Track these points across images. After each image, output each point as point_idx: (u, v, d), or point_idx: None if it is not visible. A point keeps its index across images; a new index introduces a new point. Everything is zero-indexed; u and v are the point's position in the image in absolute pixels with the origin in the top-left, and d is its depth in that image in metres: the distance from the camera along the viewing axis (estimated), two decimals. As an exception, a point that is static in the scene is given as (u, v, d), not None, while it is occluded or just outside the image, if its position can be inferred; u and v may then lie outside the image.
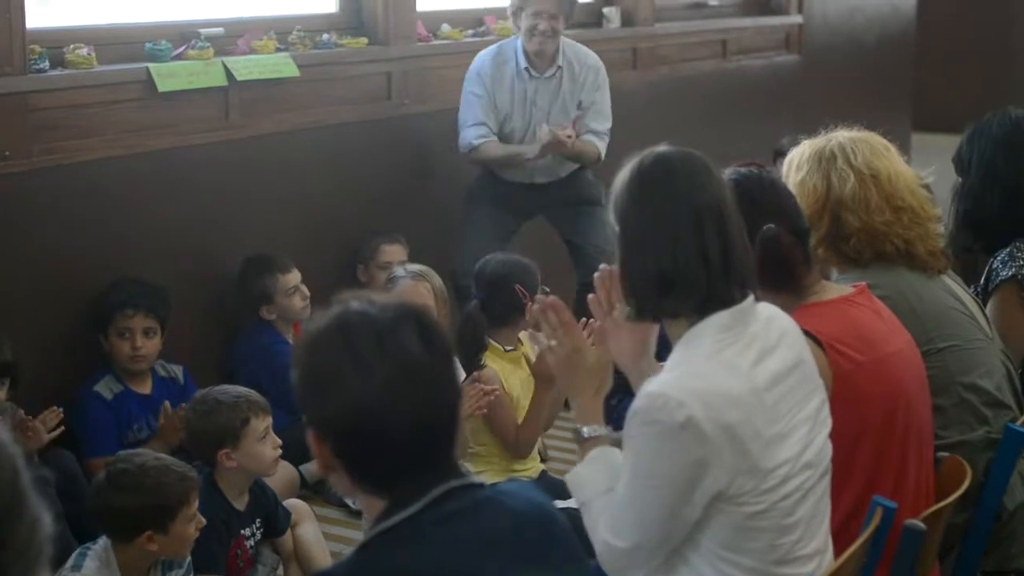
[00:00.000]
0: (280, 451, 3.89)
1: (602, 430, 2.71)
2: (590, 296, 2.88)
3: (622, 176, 2.61)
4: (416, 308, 2.11)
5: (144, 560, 3.52)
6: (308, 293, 5.13)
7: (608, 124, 5.83)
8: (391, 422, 2.00)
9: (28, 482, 1.53)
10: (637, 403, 2.47)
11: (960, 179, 4.07)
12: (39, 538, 1.53)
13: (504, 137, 5.72)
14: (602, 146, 5.78)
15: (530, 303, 4.36)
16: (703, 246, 2.50)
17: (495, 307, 4.49)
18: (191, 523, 3.50)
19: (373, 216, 5.68)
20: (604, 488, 2.57)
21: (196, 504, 3.53)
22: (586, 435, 2.70)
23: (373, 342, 2.01)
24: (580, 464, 2.67)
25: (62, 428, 4.05)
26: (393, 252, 5.56)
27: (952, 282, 3.48)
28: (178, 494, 3.47)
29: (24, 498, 1.52)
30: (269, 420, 3.88)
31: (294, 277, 5.14)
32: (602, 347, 2.79)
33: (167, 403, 4.45)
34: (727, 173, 2.99)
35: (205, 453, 3.88)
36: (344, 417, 2.01)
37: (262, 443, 3.85)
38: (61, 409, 4.06)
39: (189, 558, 3.65)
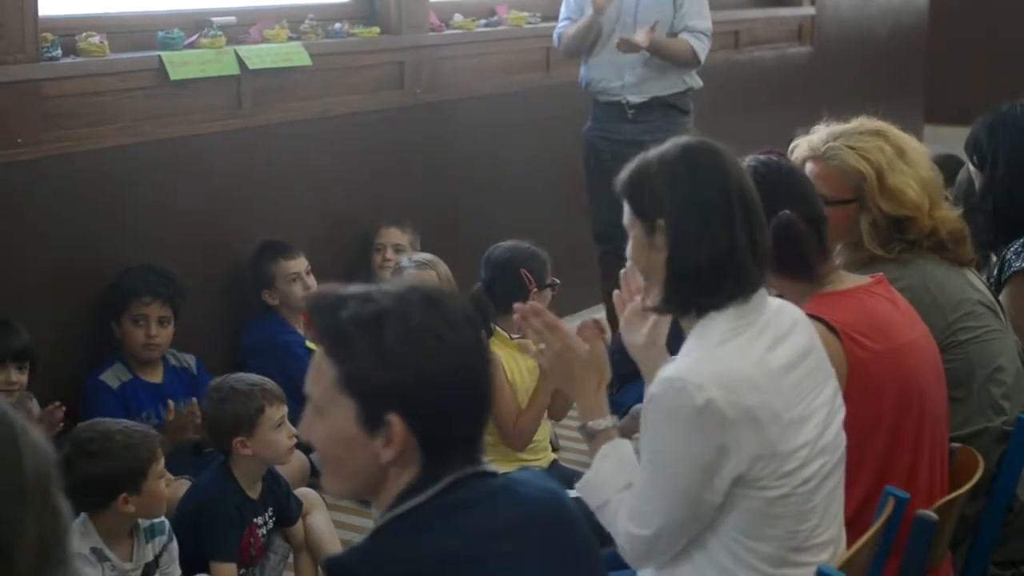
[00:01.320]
0: (295, 440, 3.88)
1: (609, 422, 2.69)
2: (615, 294, 2.89)
3: (659, 165, 2.56)
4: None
5: (122, 525, 3.51)
6: (311, 284, 5.10)
7: (707, 24, 5.83)
8: (464, 385, 2.02)
9: (56, 469, 1.55)
10: (654, 388, 2.46)
11: (978, 170, 4.04)
12: (63, 531, 1.55)
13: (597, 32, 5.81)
14: (698, 45, 5.78)
15: (535, 290, 4.35)
16: (753, 234, 2.50)
17: (500, 292, 4.43)
18: (161, 480, 3.51)
19: (385, 205, 5.68)
20: (622, 484, 2.56)
21: (163, 461, 3.53)
22: (592, 430, 2.69)
23: (430, 298, 2.03)
24: (592, 466, 2.65)
25: (63, 424, 4.02)
26: (391, 235, 5.54)
27: (970, 272, 3.47)
28: (147, 452, 3.48)
29: (54, 490, 1.54)
30: (284, 409, 3.87)
31: (297, 264, 5.14)
32: (594, 341, 2.77)
33: (171, 402, 4.43)
34: (746, 161, 3.00)
35: (220, 441, 3.88)
36: (430, 381, 1.98)
37: (277, 432, 3.85)
38: (63, 407, 4.03)
39: (168, 523, 3.66)
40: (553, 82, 6.62)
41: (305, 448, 4.55)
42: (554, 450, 4.85)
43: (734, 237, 2.48)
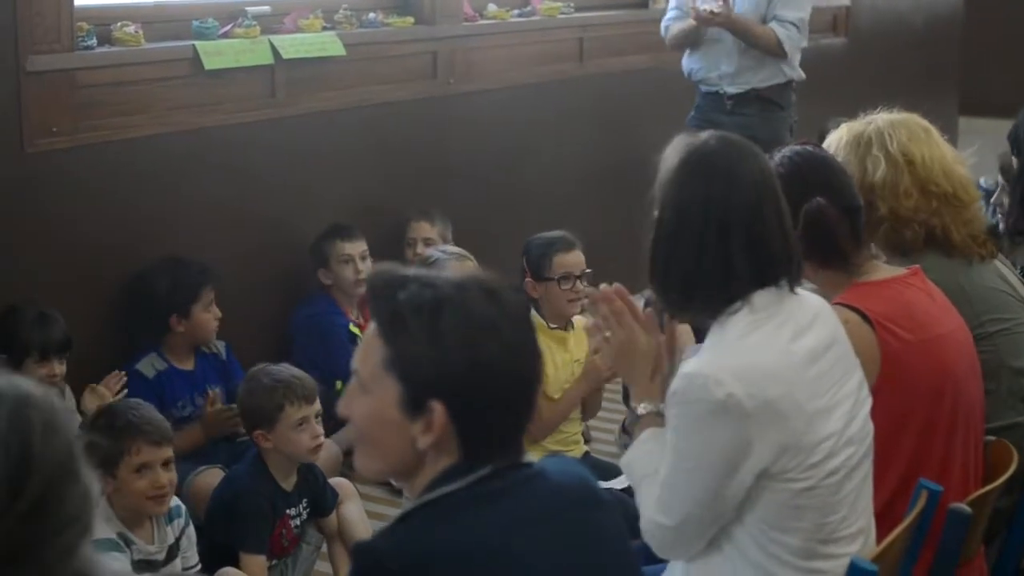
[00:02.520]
0: (320, 440, 3.87)
1: (655, 406, 2.69)
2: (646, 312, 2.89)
3: (665, 162, 2.58)
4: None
5: (138, 504, 3.55)
6: (363, 268, 5.17)
7: (800, 14, 5.87)
8: (513, 381, 2.02)
9: (81, 449, 1.57)
10: (675, 384, 2.47)
11: (1017, 160, 4.02)
12: (90, 507, 1.57)
13: None
14: (784, 35, 5.82)
15: (529, 280, 4.45)
16: (728, 254, 2.49)
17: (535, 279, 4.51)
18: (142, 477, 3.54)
19: (418, 195, 5.69)
20: (653, 469, 2.56)
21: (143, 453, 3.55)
22: (642, 412, 2.70)
23: (490, 292, 2.02)
24: (631, 447, 2.68)
25: (126, 391, 4.14)
26: (421, 228, 5.55)
27: (1003, 266, 3.45)
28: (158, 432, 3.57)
29: (78, 463, 1.56)
30: (310, 409, 3.85)
31: (353, 247, 5.20)
32: (655, 332, 2.77)
33: (214, 392, 4.50)
34: (782, 151, 3.00)
35: (247, 430, 3.91)
36: (480, 374, 1.98)
37: (298, 431, 3.83)
38: (124, 372, 4.16)
39: (184, 507, 3.69)
40: (586, 72, 6.63)
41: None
42: (586, 442, 4.86)
43: (701, 256, 2.49)
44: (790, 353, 2.46)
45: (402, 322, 1.99)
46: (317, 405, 3.90)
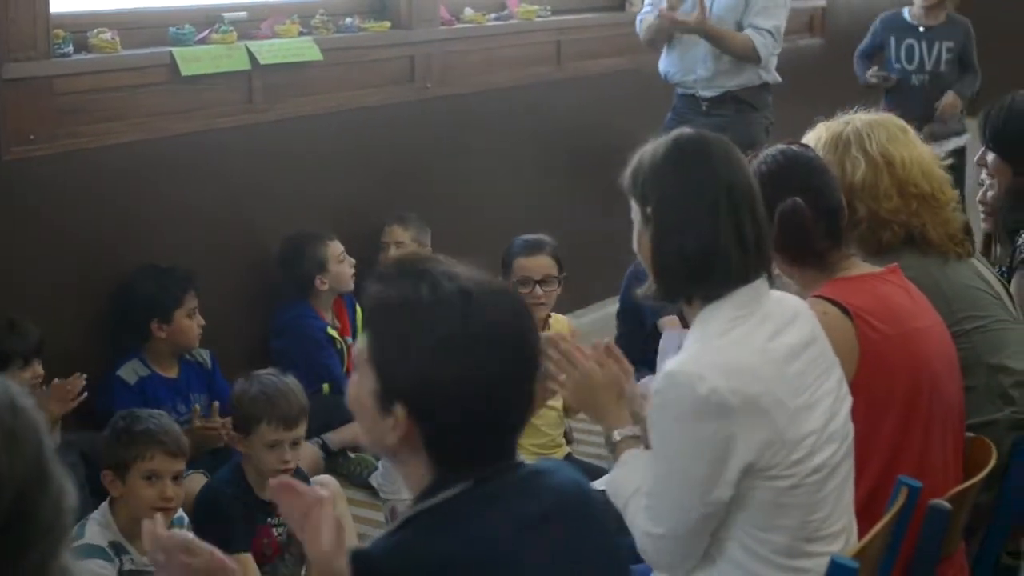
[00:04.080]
0: (287, 466, 3.84)
1: (631, 430, 2.72)
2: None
3: (652, 154, 2.60)
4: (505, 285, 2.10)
5: (143, 513, 3.51)
6: (354, 261, 5.21)
7: (775, 22, 5.91)
8: (494, 392, 1.98)
9: (52, 452, 1.51)
10: (657, 384, 2.48)
11: (1003, 159, 4.00)
12: (65, 513, 1.51)
13: None
14: (760, 42, 5.85)
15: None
16: (739, 226, 2.50)
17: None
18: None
19: (396, 199, 5.68)
20: (637, 486, 2.58)
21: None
22: (617, 438, 2.72)
23: (477, 309, 1.98)
24: (611, 473, 2.70)
25: (85, 394, 4.14)
26: (394, 232, 5.54)
27: (980, 264, 3.47)
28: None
29: (49, 469, 1.50)
30: (286, 435, 3.85)
31: (339, 245, 5.23)
32: (606, 362, 2.80)
33: (197, 407, 4.51)
34: (767, 150, 3.02)
35: (232, 426, 4.01)
36: (449, 382, 1.95)
37: (267, 451, 3.84)
38: (85, 376, 4.15)
39: (187, 518, 3.70)
40: (564, 75, 6.62)
41: (318, 430, 4.63)
42: (568, 443, 4.87)
43: (718, 228, 2.49)
44: (770, 351, 2.48)
45: (382, 320, 2.01)
46: (298, 432, 3.89)
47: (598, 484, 2.69)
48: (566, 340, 2.80)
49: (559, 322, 4.80)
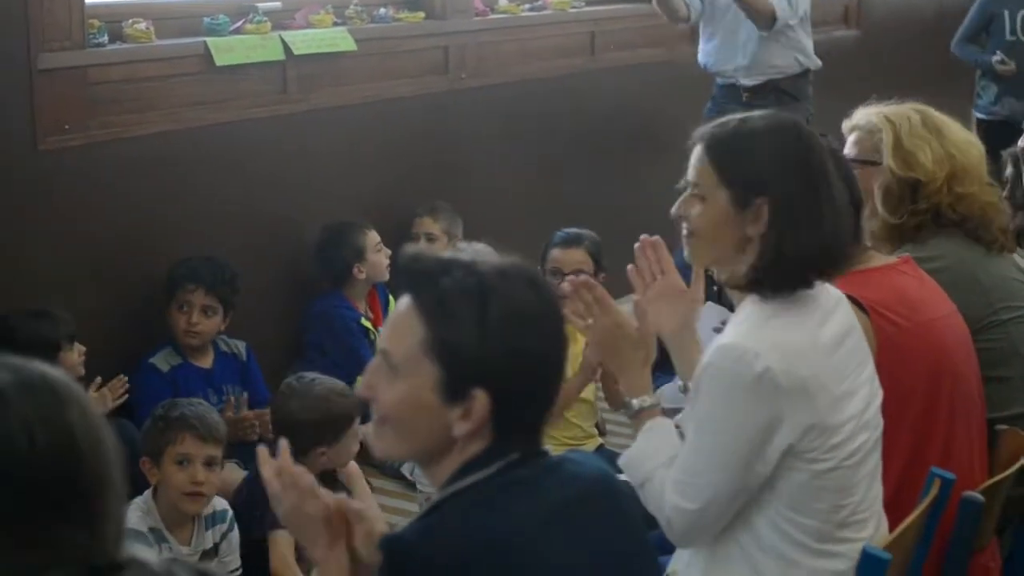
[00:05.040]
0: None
1: (652, 400, 2.68)
2: (630, 268, 2.86)
3: (766, 143, 2.54)
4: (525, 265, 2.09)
5: (175, 499, 3.59)
6: (389, 251, 5.21)
7: None
8: (551, 370, 2.03)
9: (116, 454, 1.61)
10: (710, 356, 2.46)
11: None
12: (123, 506, 1.63)
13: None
14: (779, 4, 5.80)
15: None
16: (852, 217, 2.55)
17: None
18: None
19: (430, 190, 5.67)
20: (665, 458, 2.54)
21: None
22: (636, 407, 2.67)
23: (551, 299, 2.04)
24: (635, 442, 2.64)
25: (126, 396, 4.18)
26: (424, 224, 5.53)
27: (1019, 258, 3.44)
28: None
29: (114, 469, 1.60)
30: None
31: (376, 235, 5.23)
32: (643, 320, 2.75)
33: (232, 399, 4.51)
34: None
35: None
36: (522, 362, 1.97)
37: (314, 458, 3.87)
38: (127, 378, 4.18)
39: (230, 512, 3.71)
40: (598, 66, 6.59)
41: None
42: (601, 435, 4.86)
43: (839, 221, 2.51)
44: (819, 336, 2.48)
45: (447, 306, 1.97)
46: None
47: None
48: (598, 287, 2.74)
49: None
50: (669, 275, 2.85)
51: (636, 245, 2.83)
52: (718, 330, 2.68)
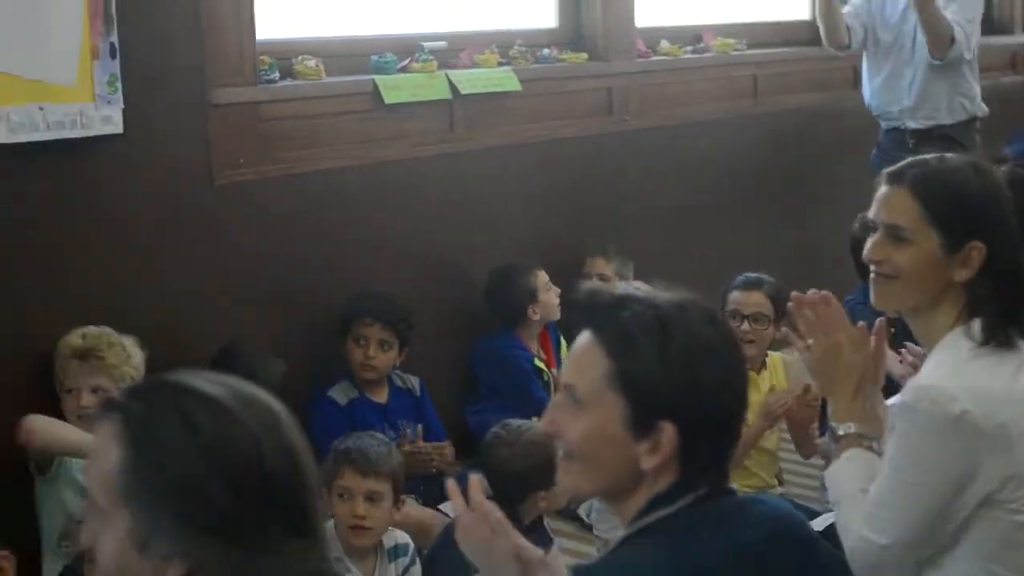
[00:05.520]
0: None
1: (859, 428, 2.58)
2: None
3: (975, 182, 2.52)
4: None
5: (341, 532, 3.56)
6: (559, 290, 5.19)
7: (970, 15, 5.74)
8: (734, 403, 2.03)
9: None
10: (905, 397, 2.40)
11: None
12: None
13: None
14: (959, 33, 5.65)
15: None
16: None
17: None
18: None
19: (594, 231, 5.64)
20: (859, 486, 2.48)
21: None
22: (841, 432, 2.58)
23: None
24: (836, 461, 2.57)
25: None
26: (596, 264, 5.51)
27: None
28: None
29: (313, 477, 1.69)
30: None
31: (545, 275, 5.23)
32: (863, 345, 2.63)
33: (407, 432, 4.50)
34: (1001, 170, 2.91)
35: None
36: (705, 394, 1.96)
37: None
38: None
39: (412, 546, 3.68)
40: (761, 110, 6.55)
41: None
42: (780, 484, 4.77)
43: None
44: (1016, 382, 2.40)
45: (630, 340, 1.96)
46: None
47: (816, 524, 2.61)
48: (824, 307, 2.64)
49: (775, 361, 4.68)
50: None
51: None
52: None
